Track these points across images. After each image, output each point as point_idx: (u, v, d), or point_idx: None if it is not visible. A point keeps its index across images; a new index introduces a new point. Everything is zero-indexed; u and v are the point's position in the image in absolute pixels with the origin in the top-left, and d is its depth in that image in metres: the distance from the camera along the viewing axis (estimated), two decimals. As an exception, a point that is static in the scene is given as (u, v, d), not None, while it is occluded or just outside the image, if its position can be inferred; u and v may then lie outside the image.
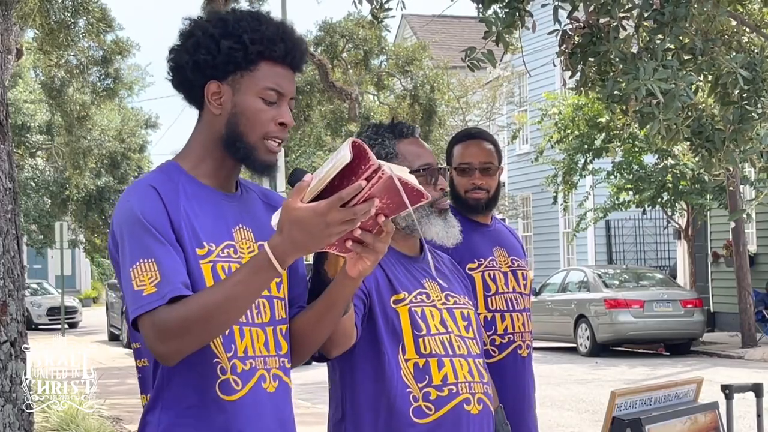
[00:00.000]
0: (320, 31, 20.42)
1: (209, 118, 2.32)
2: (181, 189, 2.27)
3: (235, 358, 2.23)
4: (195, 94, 2.34)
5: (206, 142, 2.32)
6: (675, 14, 4.43)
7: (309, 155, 25.27)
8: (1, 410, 4.51)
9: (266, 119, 2.28)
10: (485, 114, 27.84)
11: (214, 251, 2.24)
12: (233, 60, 2.27)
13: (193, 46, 2.28)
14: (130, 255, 2.17)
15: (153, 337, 2.13)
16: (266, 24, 2.30)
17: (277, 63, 2.30)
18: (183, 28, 2.34)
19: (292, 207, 2.00)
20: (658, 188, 19.39)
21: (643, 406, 3.18)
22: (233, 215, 2.32)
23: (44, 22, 13.70)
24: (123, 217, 2.22)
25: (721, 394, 4.22)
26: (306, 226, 1.99)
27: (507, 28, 4.51)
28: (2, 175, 4.69)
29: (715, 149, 4.99)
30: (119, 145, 30.34)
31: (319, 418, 11.30)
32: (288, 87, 2.32)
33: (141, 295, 2.12)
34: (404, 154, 2.75)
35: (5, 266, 4.61)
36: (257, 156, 2.29)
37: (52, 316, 29.83)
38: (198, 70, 2.29)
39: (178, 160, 2.35)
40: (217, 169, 2.32)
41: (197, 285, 2.19)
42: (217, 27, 2.28)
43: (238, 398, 2.23)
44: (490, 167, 3.45)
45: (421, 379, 2.67)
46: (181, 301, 2.12)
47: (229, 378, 2.22)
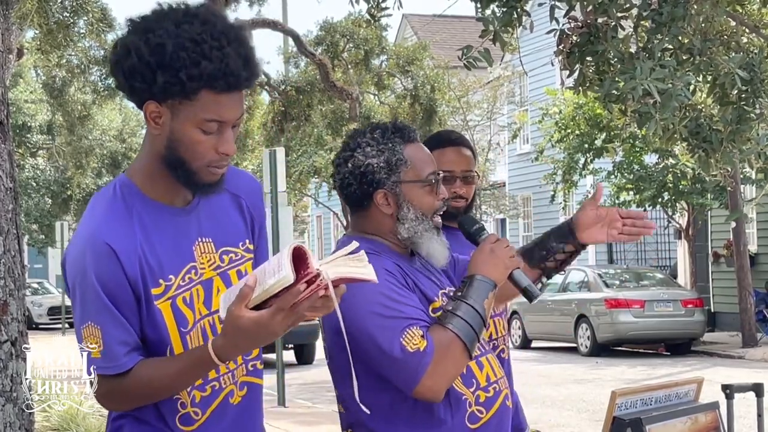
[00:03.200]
0: (321, 31, 20.42)
1: (151, 136, 2.22)
2: (136, 220, 2.22)
3: (194, 389, 2.25)
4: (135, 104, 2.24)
5: (152, 158, 2.24)
6: (673, 14, 4.44)
7: (310, 155, 25.22)
8: (2, 410, 4.51)
9: (205, 150, 2.17)
10: (486, 114, 27.82)
11: (172, 285, 2.23)
12: (170, 91, 2.13)
13: (129, 71, 2.14)
14: (81, 315, 2.20)
15: (101, 399, 2.24)
16: (208, 57, 2.10)
17: (221, 93, 2.14)
18: (121, 37, 2.19)
19: (237, 315, 2.02)
20: (658, 188, 19.38)
21: (643, 405, 3.18)
22: (191, 230, 2.28)
23: (42, 22, 13.70)
24: (76, 273, 2.19)
25: (722, 394, 4.22)
26: (249, 334, 2.04)
27: (504, 27, 4.52)
28: (3, 174, 4.69)
29: (712, 150, 5.00)
30: (120, 145, 30.38)
31: (319, 418, 11.29)
32: (231, 114, 2.17)
33: (90, 357, 2.19)
34: (413, 161, 2.63)
35: (6, 266, 4.61)
36: (199, 180, 2.21)
37: (53, 315, 29.85)
38: (134, 93, 2.18)
39: (130, 176, 2.27)
40: (167, 185, 2.25)
41: (158, 327, 2.22)
42: (153, 54, 2.10)
43: (197, 427, 2.26)
44: (470, 175, 3.36)
45: (469, 385, 2.60)
46: (128, 375, 2.18)
47: (189, 411, 2.26)
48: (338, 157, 2.65)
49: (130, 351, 2.18)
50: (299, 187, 27.29)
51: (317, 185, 29.46)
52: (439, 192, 2.67)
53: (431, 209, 2.64)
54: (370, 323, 2.44)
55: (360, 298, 2.43)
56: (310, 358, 17.23)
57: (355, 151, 2.61)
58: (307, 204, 38.02)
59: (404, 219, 2.60)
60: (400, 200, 2.60)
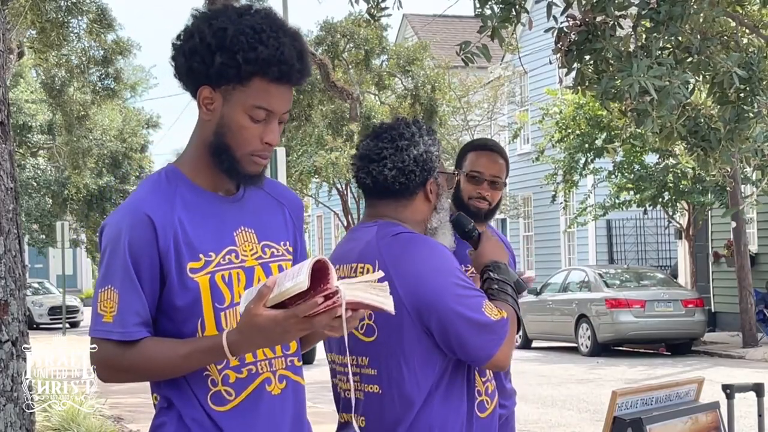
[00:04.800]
0: (321, 31, 20.43)
1: (201, 122, 2.32)
2: (179, 199, 2.29)
3: (227, 369, 2.28)
4: (191, 91, 2.34)
5: (199, 145, 2.33)
6: (671, 13, 4.44)
7: (310, 155, 25.23)
8: (3, 410, 4.51)
9: (251, 137, 2.27)
10: (486, 113, 27.83)
11: (212, 261, 2.28)
12: (225, 75, 2.24)
13: (190, 51, 2.25)
14: (103, 276, 2.26)
15: (99, 365, 2.28)
16: (265, 44, 2.22)
17: (272, 82, 2.25)
18: (187, 25, 2.31)
19: (254, 313, 2.09)
20: (659, 188, 19.38)
21: (644, 405, 3.18)
22: (234, 218, 2.35)
23: (36, 20, 13.68)
24: (111, 236, 2.27)
25: (722, 394, 4.22)
26: (264, 332, 2.11)
27: (502, 24, 4.53)
28: (4, 174, 4.69)
29: (711, 148, 5.00)
30: (121, 145, 30.38)
31: (319, 418, 11.29)
32: (279, 106, 2.28)
33: (100, 320, 2.25)
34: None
35: (7, 266, 4.61)
36: (241, 169, 2.30)
37: (54, 315, 29.84)
38: (192, 75, 2.28)
39: (178, 164, 2.36)
40: (213, 173, 2.33)
41: (192, 298, 2.26)
42: (215, 36, 2.23)
43: (231, 408, 2.28)
44: (498, 181, 3.55)
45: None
46: (134, 346, 2.23)
47: (221, 390, 2.28)
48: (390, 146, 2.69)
49: (141, 324, 2.24)
50: (300, 187, 27.30)
51: (317, 185, 29.47)
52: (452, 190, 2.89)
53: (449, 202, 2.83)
54: (453, 293, 2.58)
55: (438, 269, 2.59)
56: (310, 358, 17.22)
57: (411, 140, 2.70)
58: (308, 204, 38.02)
59: (441, 209, 2.76)
60: (441, 190, 2.76)
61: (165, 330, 2.28)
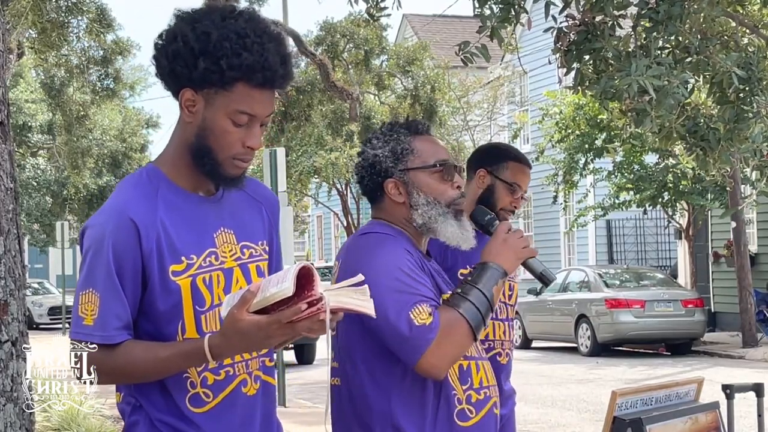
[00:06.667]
0: (321, 31, 20.42)
1: (183, 123, 2.32)
2: (161, 201, 2.29)
3: (206, 371, 2.29)
4: (172, 92, 2.33)
5: (180, 146, 2.33)
6: (669, 12, 4.44)
7: (310, 155, 25.23)
8: (3, 410, 4.51)
9: (233, 141, 2.27)
10: (486, 114, 27.83)
11: (194, 264, 2.29)
12: (208, 79, 2.23)
13: (173, 54, 2.24)
14: (85, 278, 2.26)
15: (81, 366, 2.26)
16: (249, 50, 2.21)
17: (255, 87, 2.24)
18: (169, 24, 2.30)
19: (237, 318, 2.10)
20: (659, 188, 19.38)
21: (643, 405, 3.18)
22: (214, 219, 2.36)
23: (36, 21, 13.68)
24: (94, 238, 2.27)
25: (722, 394, 4.22)
26: (246, 337, 2.12)
27: (501, 23, 4.54)
28: (4, 174, 4.69)
29: (710, 149, 5.00)
30: (121, 145, 30.37)
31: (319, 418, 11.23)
32: (262, 110, 2.28)
33: (81, 323, 2.25)
34: (419, 150, 2.73)
35: (6, 266, 4.61)
36: (223, 171, 2.30)
37: (54, 315, 29.84)
38: (174, 77, 2.27)
39: (159, 164, 2.36)
40: (194, 174, 2.33)
41: (173, 301, 2.27)
42: (198, 41, 2.21)
43: (208, 409, 2.30)
44: (524, 197, 3.63)
45: (464, 382, 2.67)
46: (115, 350, 2.22)
47: (199, 392, 2.29)
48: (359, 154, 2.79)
49: (122, 327, 2.24)
50: (299, 187, 27.31)
51: (317, 185, 29.48)
52: (454, 180, 2.74)
53: (445, 196, 2.72)
54: (385, 296, 2.51)
55: (378, 271, 2.54)
56: (310, 357, 17.25)
57: (365, 146, 2.76)
58: (308, 204, 38.03)
59: (416, 205, 2.70)
60: (410, 187, 2.71)
61: (145, 331, 2.29)
